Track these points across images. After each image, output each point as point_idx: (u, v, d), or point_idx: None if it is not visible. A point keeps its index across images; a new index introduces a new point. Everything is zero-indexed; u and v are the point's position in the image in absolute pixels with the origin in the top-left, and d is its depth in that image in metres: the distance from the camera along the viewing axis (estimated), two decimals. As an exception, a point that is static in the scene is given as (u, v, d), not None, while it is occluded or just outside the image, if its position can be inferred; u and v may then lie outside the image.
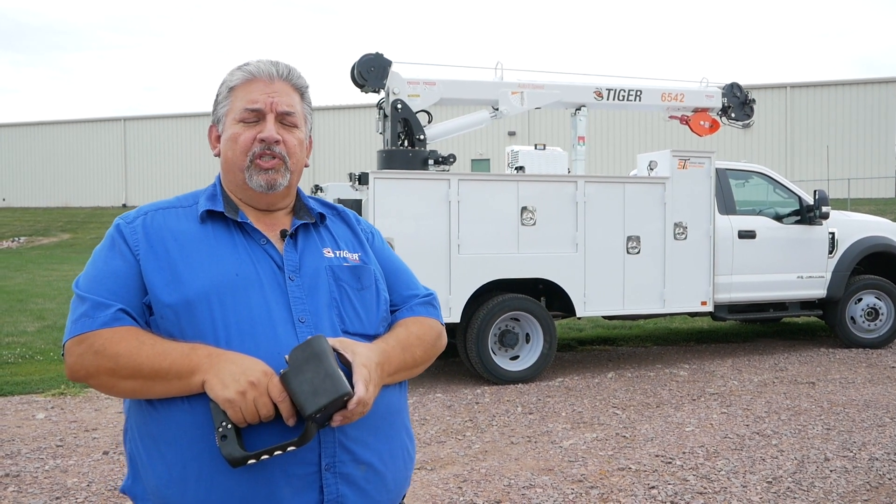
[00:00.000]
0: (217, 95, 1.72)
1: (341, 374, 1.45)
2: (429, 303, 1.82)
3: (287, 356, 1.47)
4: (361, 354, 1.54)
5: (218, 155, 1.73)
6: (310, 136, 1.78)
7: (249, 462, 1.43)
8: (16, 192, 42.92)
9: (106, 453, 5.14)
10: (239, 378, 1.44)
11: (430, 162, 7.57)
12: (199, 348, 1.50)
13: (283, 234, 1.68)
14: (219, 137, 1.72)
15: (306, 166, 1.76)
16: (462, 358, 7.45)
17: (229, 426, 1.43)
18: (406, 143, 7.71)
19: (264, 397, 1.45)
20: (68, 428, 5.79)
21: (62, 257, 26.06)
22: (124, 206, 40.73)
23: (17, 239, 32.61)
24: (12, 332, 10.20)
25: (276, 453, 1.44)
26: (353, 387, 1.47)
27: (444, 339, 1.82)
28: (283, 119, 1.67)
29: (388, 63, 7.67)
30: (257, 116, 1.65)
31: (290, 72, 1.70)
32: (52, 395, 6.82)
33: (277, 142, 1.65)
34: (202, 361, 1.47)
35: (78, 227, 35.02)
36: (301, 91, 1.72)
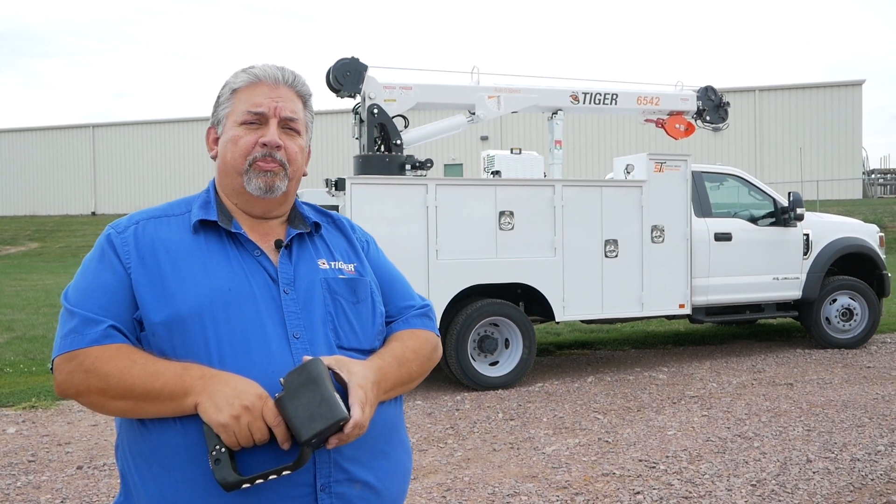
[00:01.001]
0: (218, 97, 1.68)
1: (337, 398, 1.42)
2: (425, 314, 1.78)
3: (282, 379, 1.44)
4: (358, 374, 1.51)
5: (215, 157, 1.68)
6: (309, 146, 1.74)
7: (244, 486, 1.40)
8: (-18, 200, 42.11)
9: (80, 468, 5.00)
10: (233, 401, 1.40)
11: (407, 167, 7.52)
12: (192, 368, 1.45)
13: (278, 244, 1.64)
14: (217, 140, 1.68)
15: (304, 175, 1.72)
16: (441, 364, 7.40)
17: (223, 450, 1.40)
18: (383, 149, 7.64)
19: (259, 421, 1.41)
20: (40, 442, 5.64)
21: (30, 266, 25.61)
22: (93, 214, 40.14)
23: (-17, 248, 31.97)
24: (-20, 344, 9.96)
25: (270, 477, 1.41)
26: (349, 408, 1.44)
27: (440, 351, 1.79)
28: (286, 125, 1.63)
29: (364, 67, 7.61)
30: (260, 120, 1.61)
31: (296, 78, 1.67)
32: (23, 408, 6.66)
33: (279, 147, 1.61)
34: (195, 383, 1.43)
35: (46, 235, 34.44)
36: (304, 99, 1.69)
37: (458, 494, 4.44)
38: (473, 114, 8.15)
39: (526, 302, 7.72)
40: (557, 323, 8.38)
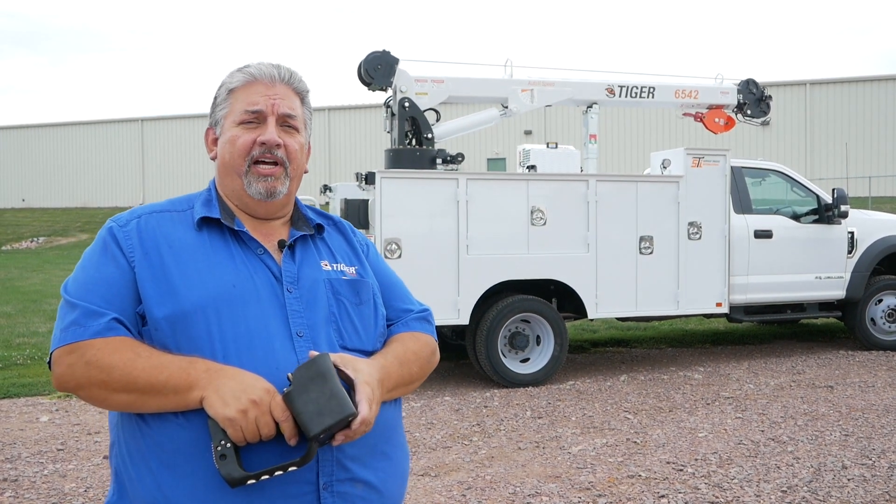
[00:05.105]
0: (215, 98, 1.67)
1: (346, 394, 1.41)
2: (424, 318, 1.78)
3: (290, 374, 1.43)
4: (364, 372, 1.50)
5: (214, 158, 1.67)
6: (309, 143, 1.72)
7: (249, 482, 1.38)
8: (35, 192, 43.25)
9: (106, 457, 5.06)
10: (240, 396, 1.39)
11: (439, 161, 7.46)
12: (198, 362, 1.44)
13: (282, 244, 1.63)
14: (216, 140, 1.66)
15: (306, 172, 1.70)
16: (471, 360, 7.34)
17: (228, 445, 1.38)
18: (414, 142, 7.60)
19: (266, 416, 1.40)
20: (71, 431, 5.73)
21: (80, 258, 26.16)
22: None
23: (35, 239, 32.86)
24: (24, 332, 10.21)
25: (276, 473, 1.40)
26: (356, 405, 1.44)
27: (438, 356, 1.79)
28: (285, 122, 1.61)
29: (396, 61, 7.56)
30: (258, 119, 1.60)
31: (292, 75, 1.66)
32: (58, 397, 6.78)
33: (279, 145, 1.59)
34: (201, 377, 1.42)
35: (96, 227, 35.21)
36: (302, 95, 1.67)
37: (479, 493, 4.38)
38: (506, 107, 8.05)
39: (558, 298, 7.61)
40: (591, 320, 8.25)
